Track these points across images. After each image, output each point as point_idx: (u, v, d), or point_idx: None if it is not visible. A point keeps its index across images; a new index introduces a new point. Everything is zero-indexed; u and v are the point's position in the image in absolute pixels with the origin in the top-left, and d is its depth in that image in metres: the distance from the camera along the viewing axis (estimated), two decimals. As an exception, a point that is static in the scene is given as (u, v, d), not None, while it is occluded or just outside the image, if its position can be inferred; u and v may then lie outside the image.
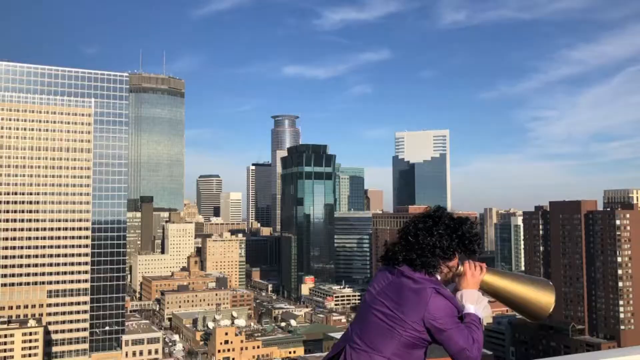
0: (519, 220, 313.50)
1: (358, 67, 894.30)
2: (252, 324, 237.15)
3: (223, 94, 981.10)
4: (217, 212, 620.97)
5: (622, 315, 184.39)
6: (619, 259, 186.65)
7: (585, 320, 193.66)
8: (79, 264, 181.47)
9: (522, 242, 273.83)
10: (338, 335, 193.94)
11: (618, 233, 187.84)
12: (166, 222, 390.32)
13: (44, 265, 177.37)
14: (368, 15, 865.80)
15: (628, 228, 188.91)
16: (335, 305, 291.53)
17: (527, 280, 5.03)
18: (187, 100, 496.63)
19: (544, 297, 4.95)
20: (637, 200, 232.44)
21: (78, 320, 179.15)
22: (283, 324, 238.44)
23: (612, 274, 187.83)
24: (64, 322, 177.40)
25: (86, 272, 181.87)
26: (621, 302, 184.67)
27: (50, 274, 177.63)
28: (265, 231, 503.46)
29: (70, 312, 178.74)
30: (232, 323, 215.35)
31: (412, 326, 4.49)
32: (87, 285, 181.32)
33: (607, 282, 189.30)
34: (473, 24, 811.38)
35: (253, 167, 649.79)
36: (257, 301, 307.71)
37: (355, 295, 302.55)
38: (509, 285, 4.98)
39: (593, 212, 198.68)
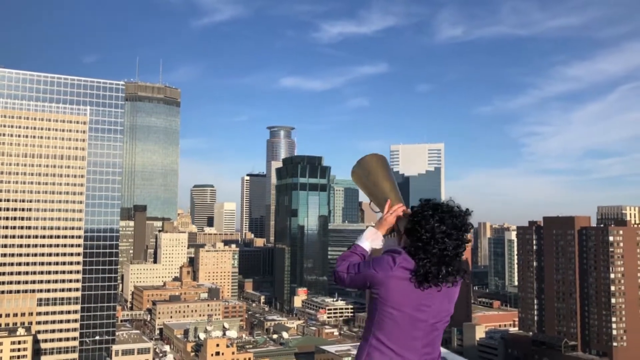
0: (513, 235, 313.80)
1: (355, 80, 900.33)
2: (243, 335, 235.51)
3: (219, 104, 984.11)
4: (210, 222, 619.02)
5: (614, 332, 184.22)
6: (612, 276, 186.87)
7: (578, 337, 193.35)
8: (70, 272, 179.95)
9: (515, 257, 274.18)
10: (330, 348, 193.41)
11: (611, 249, 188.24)
12: (159, 231, 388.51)
13: (34, 273, 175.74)
14: (366, 29, 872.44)
15: (621, 244, 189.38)
16: (328, 317, 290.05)
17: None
18: (183, 110, 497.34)
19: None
20: (630, 217, 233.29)
21: (68, 330, 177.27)
22: (275, 336, 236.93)
23: (605, 290, 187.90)
24: (53, 331, 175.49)
25: (77, 280, 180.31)
26: (614, 319, 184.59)
27: (41, 282, 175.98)
28: (259, 242, 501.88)
29: (60, 321, 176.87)
30: (224, 334, 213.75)
31: None
32: (78, 294, 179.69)
33: (600, 299, 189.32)
34: (470, 39, 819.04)
35: (247, 178, 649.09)
36: (249, 312, 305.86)
37: (347, 308, 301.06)
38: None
39: (586, 228, 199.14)
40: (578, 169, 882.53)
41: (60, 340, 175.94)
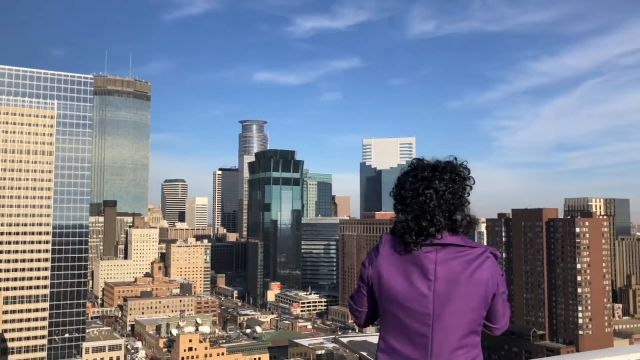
0: (483, 227, 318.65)
1: (329, 75, 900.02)
2: (216, 330, 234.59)
3: (192, 99, 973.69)
4: (182, 218, 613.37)
5: (580, 321, 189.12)
6: (578, 266, 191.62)
7: (545, 326, 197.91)
8: (38, 269, 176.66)
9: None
10: (303, 341, 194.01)
11: (577, 240, 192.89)
12: (130, 227, 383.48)
13: (1, 270, 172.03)
14: (339, 24, 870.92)
15: (587, 235, 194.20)
16: (301, 311, 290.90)
17: None
18: (154, 104, 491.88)
19: None
20: (596, 209, 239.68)
21: (36, 328, 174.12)
22: (248, 331, 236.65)
23: (572, 280, 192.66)
24: (20, 329, 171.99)
25: (45, 277, 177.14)
26: (580, 308, 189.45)
27: (8, 279, 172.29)
28: (232, 237, 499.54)
29: (28, 320, 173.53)
30: (197, 330, 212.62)
31: (484, 305, 3.70)
32: (47, 291, 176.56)
33: (566, 288, 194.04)
34: (441, 34, 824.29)
35: (219, 172, 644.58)
36: (222, 308, 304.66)
37: (321, 302, 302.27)
38: None
39: (554, 220, 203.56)
40: (546, 162, 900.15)
41: (28, 339, 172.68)
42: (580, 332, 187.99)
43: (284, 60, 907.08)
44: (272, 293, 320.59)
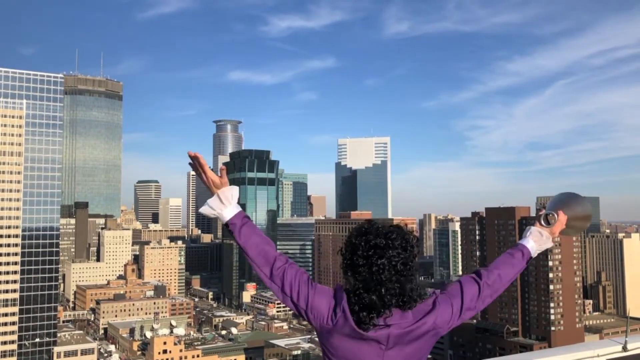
0: (457, 226, 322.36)
1: (304, 74, 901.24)
2: (191, 332, 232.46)
3: (165, 98, 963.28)
4: (155, 219, 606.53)
5: (552, 317, 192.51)
6: (550, 263, 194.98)
7: (519, 322, 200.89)
8: (7, 272, 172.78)
9: (459, 247, 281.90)
10: (280, 342, 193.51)
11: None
12: (102, 228, 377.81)
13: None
14: (315, 24, 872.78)
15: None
16: (277, 312, 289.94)
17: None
18: (126, 104, 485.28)
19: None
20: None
21: (5, 333, 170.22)
22: (224, 332, 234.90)
23: (544, 277, 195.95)
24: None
25: (15, 281, 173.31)
26: (552, 304, 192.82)
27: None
28: (206, 238, 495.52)
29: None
30: (171, 332, 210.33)
31: None
32: (16, 295, 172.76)
33: (539, 286, 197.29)
34: (416, 35, 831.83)
35: (193, 173, 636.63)
36: (197, 309, 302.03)
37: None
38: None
39: (526, 218, 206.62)
40: (519, 161, 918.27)
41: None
42: (552, 328, 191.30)
43: (259, 59, 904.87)
44: (248, 294, 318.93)
